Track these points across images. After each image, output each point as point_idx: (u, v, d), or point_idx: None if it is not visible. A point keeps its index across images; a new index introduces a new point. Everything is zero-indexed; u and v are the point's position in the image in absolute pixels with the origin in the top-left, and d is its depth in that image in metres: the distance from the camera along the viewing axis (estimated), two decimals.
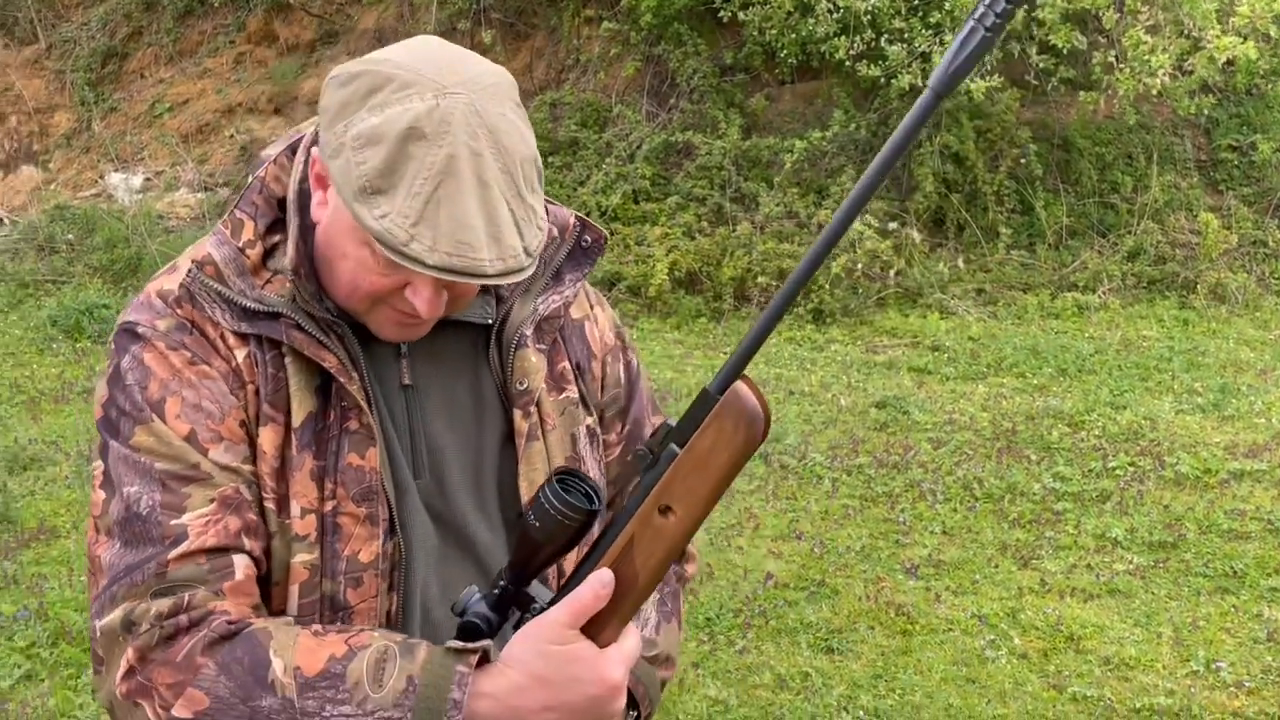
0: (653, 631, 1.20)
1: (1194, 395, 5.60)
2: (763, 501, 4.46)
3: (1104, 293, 7.38)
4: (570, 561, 1.08)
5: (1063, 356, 6.26)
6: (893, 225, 7.60)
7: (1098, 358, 6.27)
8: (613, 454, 1.26)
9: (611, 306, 1.30)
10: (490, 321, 1.14)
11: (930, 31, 7.25)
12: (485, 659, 0.97)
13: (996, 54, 7.28)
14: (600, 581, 0.95)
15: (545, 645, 0.96)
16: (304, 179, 1.09)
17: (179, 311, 1.06)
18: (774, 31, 7.76)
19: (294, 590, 1.04)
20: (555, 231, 1.16)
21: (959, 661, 3.28)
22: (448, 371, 1.13)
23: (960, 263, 7.76)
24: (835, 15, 7.37)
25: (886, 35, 7.41)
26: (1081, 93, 7.56)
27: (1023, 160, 7.92)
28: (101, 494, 1.04)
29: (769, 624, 3.49)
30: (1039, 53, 7.37)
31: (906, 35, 7.37)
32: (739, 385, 0.93)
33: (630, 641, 1.00)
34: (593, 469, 1.19)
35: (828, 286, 7.05)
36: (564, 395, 1.17)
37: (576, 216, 1.18)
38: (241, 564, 1.01)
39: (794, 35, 7.70)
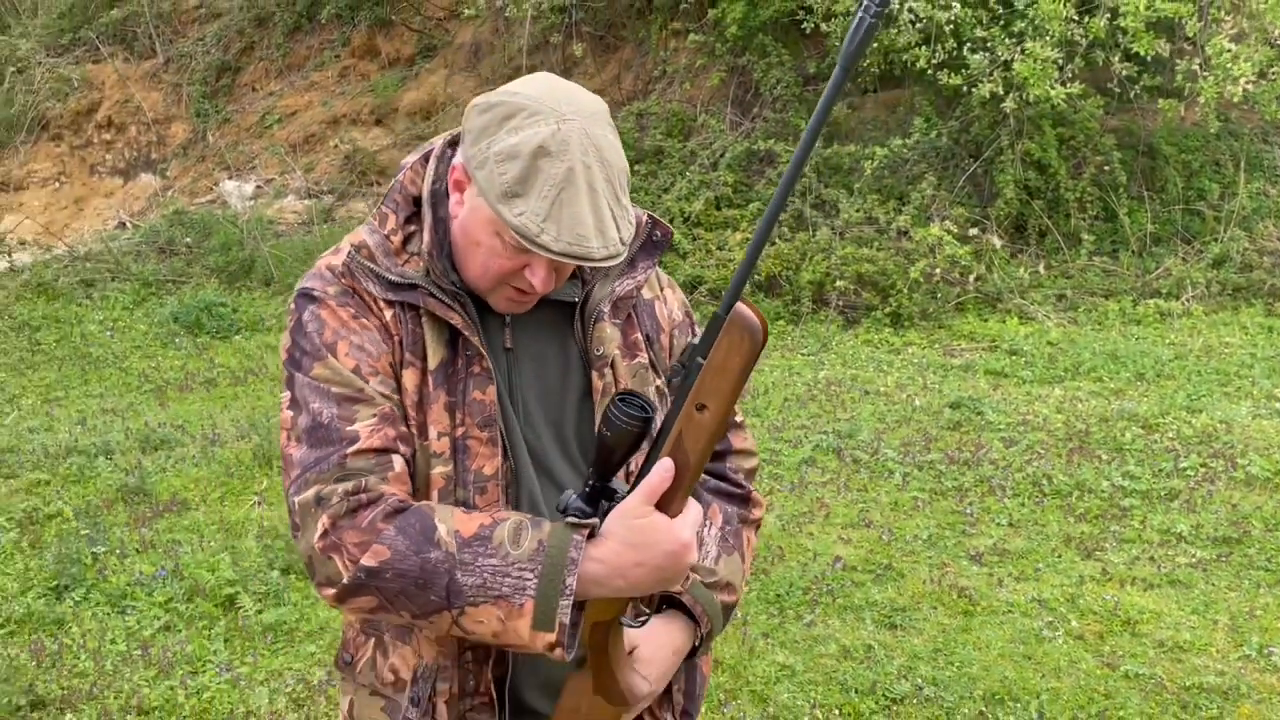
0: (712, 561, 1.45)
1: (1273, 401, 5.62)
2: (834, 492, 4.67)
3: (1187, 299, 7.37)
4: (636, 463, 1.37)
5: (1142, 361, 6.31)
6: (973, 231, 7.71)
7: (1177, 363, 6.30)
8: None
9: (694, 308, 1.58)
10: (576, 299, 1.44)
11: (1013, 40, 7.34)
12: (593, 533, 1.26)
13: (1079, 62, 7.35)
14: (664, 467, 1.24)
15: (631, 520, 1.24)
16: (435, 181, 1.40)
17: (343, 281, 1.38)
18: None
19: (434, 495, 1.34)
20: (631, 225, 1.45)
21: (1016, 640, 3.45)
22: (540, 340, 1.43)
23: (1041, 268, 7.82)
24: (917, 25, 7.51)
25: (969, 44, 7.52)
26: (1161, 100, 7.56)
27: (1106, 167, 7.95)
28: (289, 413, 1.35)
29: (836, 601, 3.71)
30: (1122, 60, 7.41)
31: (989, 44, 7.47)
32: (739, 305, 1.20)
33: (693, 511, 1.27)
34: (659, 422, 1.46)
35: (906, 291, 7.19)
36: (636, 361, 1.45)
37: (648, 215, 1.47)
38: (399, 461, 1.31)
39: (876, 45, 7.86)
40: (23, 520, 4.36)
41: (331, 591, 1.28)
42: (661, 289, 1.53)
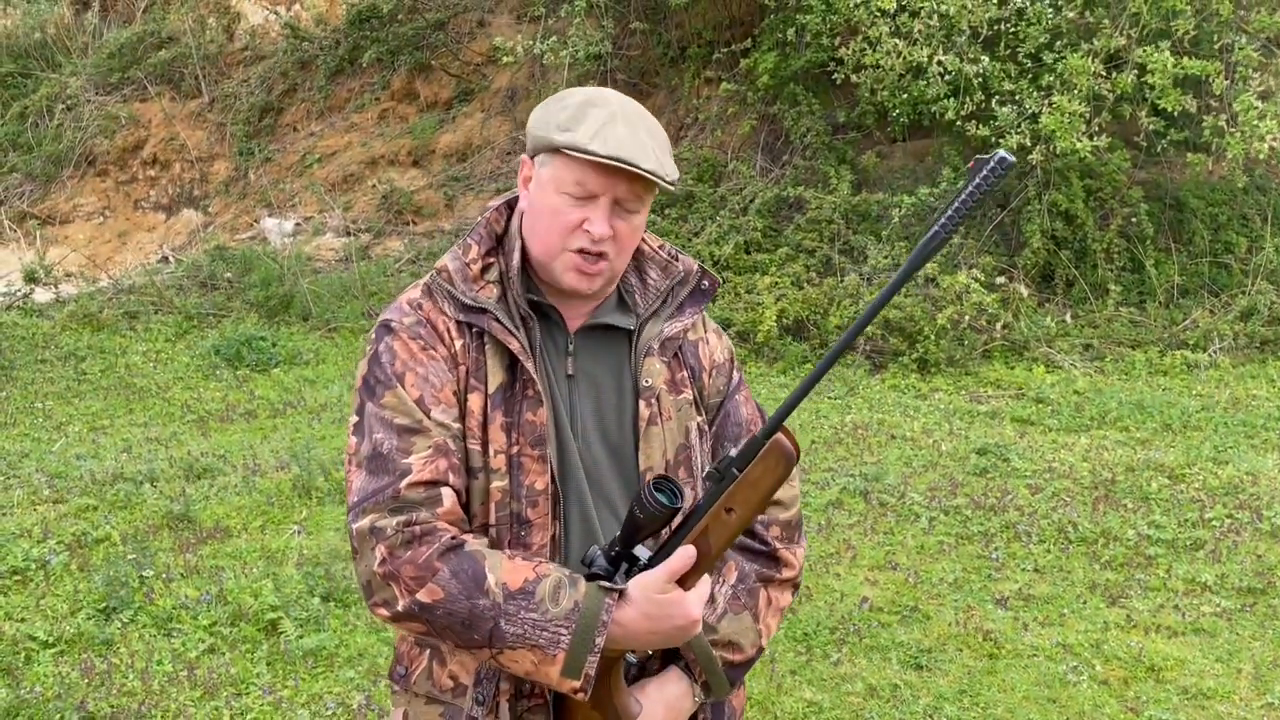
0: (716, 618, 1.56)
1: None
2: (861, 535, 4.74)
3: (1214, 351, 7.41)
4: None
5: (1168, 412, 6.35)
6: (1000, 280, 7.81)
7: (1204, 414, 6.35)
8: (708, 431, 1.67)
9: None
10: (631, 328, 1.57)
11: (1040, 94, 7.48)
12: (622, 596, 1.40)
13: (1106, 116, 7.47)
14: (688, 554, 1.40)
15: (652, 593, 1.40)
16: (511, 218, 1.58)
17: (419, 312, 1.53)
18: (885, 92, 8.09)
19: (493, 507, 1.48)
20: (683, 271, 1.61)
21: (1041, 683, 3.50)
22: (599, 368, 1.56)
23: (1068, 318, 7.89)
24: (946, 78, 7.66)
25: (997, 97, 7.66)
26: (1189, 154, 7.66)
27: (1133, 219, 8.04)
28: (354, 438, 1.49)
29: (862, 641, 3.78)
30: (1149, 115, 7.52)
31: (1016, 97, 7.61)
32: (779, 436, 1.39)
33: (704, 587, 1.44)
34: (698, 457, 1.59)
35: (933, 337, 7.28)
36: (681, 396, 1.58)
37: (699, 265, 1.62)
38: (448, 495, 1.44)
39: (905, 96, 8.02)
40: (72, 544, 4.50)
41: (386, 614, 1.42)
42: (706, 333, 1.66)
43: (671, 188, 1.48)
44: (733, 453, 1.40)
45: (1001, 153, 1.26)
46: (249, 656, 3.65)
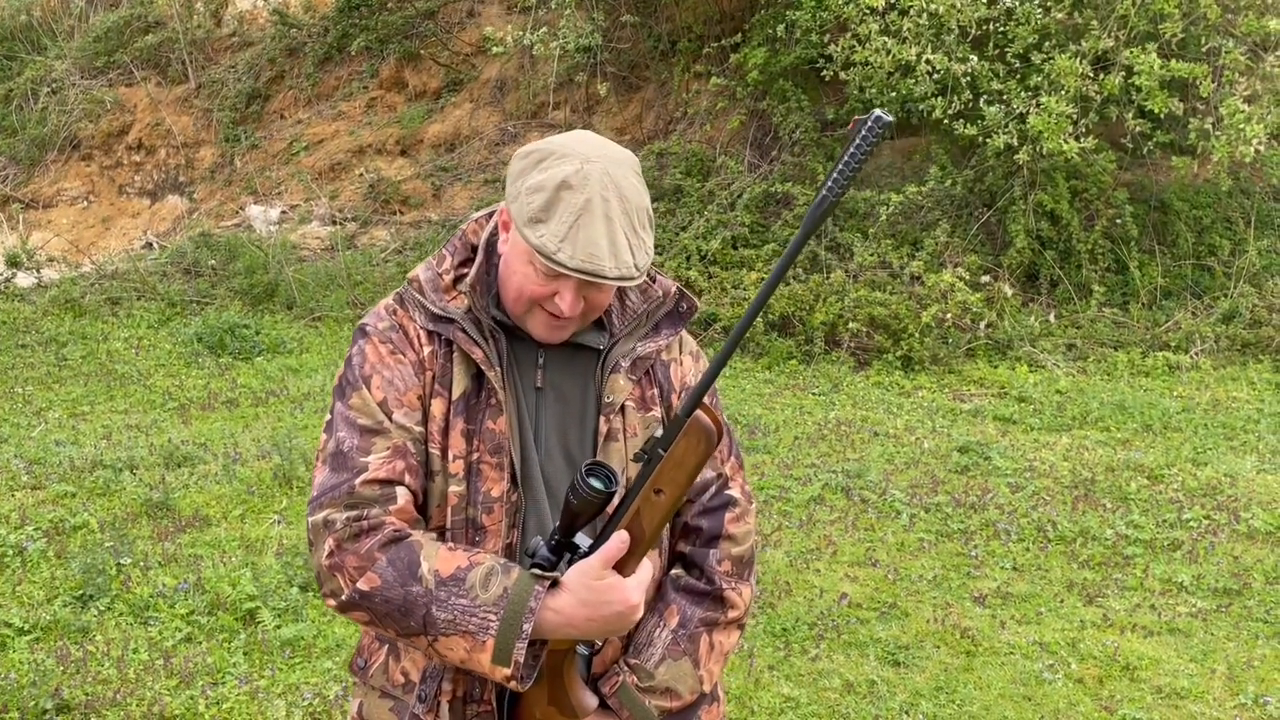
0: (654, 664, 1.56)
1: (1278, 456, 5.69)
2: (842, 531, 4.75)
3: (1196, 353, 7.46)
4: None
5: (1149, 413, 6.39)
6: (985, 279, 7.83)
7: (1184, 416, 6.38)
8: None
9: (707, 345, 1.72)
10: (601, 348, 1.58)
11: (1028, 94, 7.50)
12: (555, 584, 1.41)
13: (1093, 117, 7.50)
14: (621, 539, 1.41)
15: (589, 580, 1.40)
16: (493, 232, 1.58)
17: (393, 318, 1.55)
18: (874, 90, 8.10)
19: (449, 511, 1.50)
20: (661, 294, 1.61)
21: (1017, 681, 3.52)
22: (567, 382, 1.58)
23: (1052, 318, 7.92)
24: (934, 76, 7.67)
25: (985, 96, 7.68)
26: (1175, 157, 7.70)
27: (1118, 221, 8.07)
28: (324, 435, 1.53)
29: (840, 637, 3.79)
30: (1136, 117, 7.55)
31: (1004, 97, 7.63)
32: (699, 413, 1.40)
33: (644, 572, 1.44)
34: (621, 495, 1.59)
35: (917, 335, 7.30)
36: (649, 414, 1.60)
37: (678, 287, 1.63)
38: (402, 494, 1.47)
39: (894, 94, 8.03)
40: (49, 530, 4.48)
41: (334, 603, 1.46)
42: (681, 354, 1.66)
43: (636, 281, 1.45)
44: (658, 434, 1.43)
45: (878, 111, 1.27)
46: (226, 646, 3.64)
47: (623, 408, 1.56)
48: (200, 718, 3.25)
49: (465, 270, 1.56)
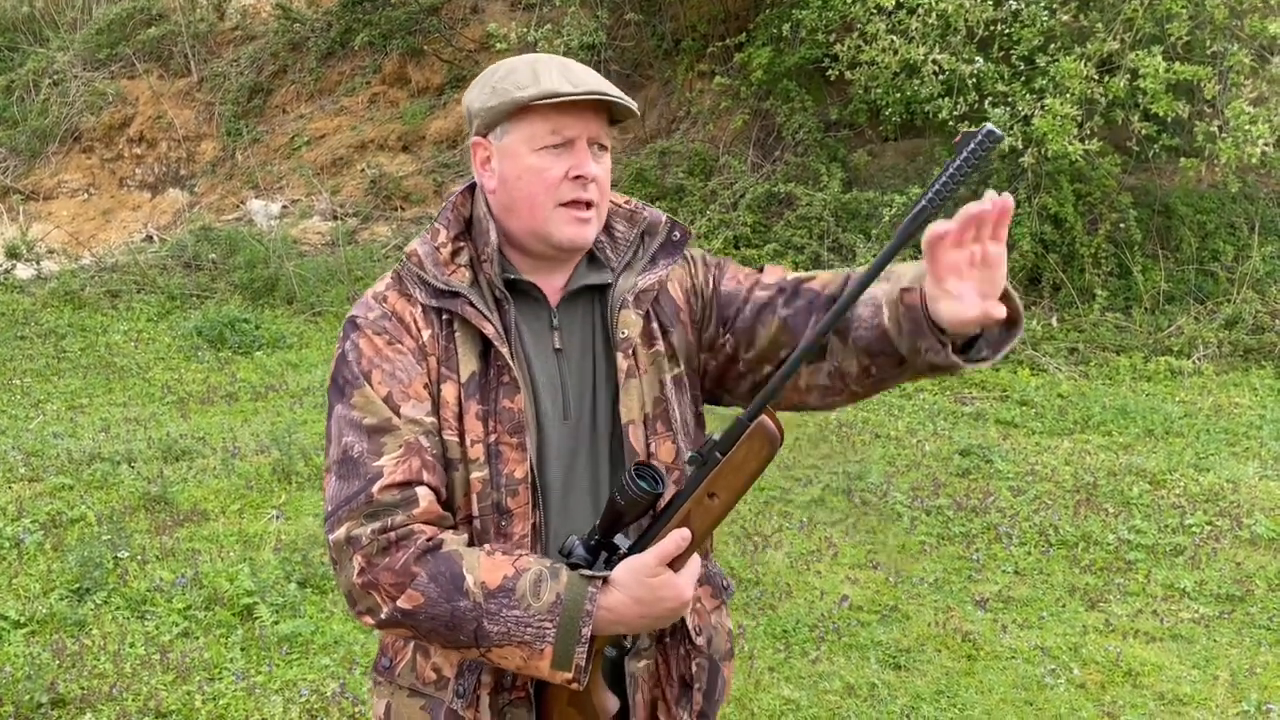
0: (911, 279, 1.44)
1: None
2: (843, 533, 4.73)
3: (1198, 358, 7.43)
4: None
5: (1151, 418, 6.36)
6: None
7: (1186, 421, 6.36)
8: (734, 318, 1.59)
9: None
10: (609, 282, 1.53)
11: (1033, 96, 7.47)
12: (605, 583, 1.36)
13: (1098, 120, 7.47)
14: (680, 536, 1.36)
15: (644, 577, 1.36)
16: (486, 201, 1.52)
17: (384, 305, 1.48)
18: (879, 90, 8.07)
19: (474, 498, 1.44)
20: (648, 220, 1.57)
21: (1019, 685, 3.50)
22: (581, 335, 1.53)
23: (1054, 321, 7.90)
24: (940, 77, 7.65)
25: (990, 98, 7.65)
26: (1182, 159, 7.67)
27: (1122, 224, 8.05)
28: (328, 442, 1.45)
29: (841, 640, 3.76)
30: (1141, 120, 7.53)
31: (1009, 99, 7.60)
32: (763, 417, 1.34)
33: (694, 565, 1.40)
34: (675, 410, 1.54)
35: None
36: (654, 349, 1.53)
37: (667, 216, 1.59)
38: (424, 494, 1.39)
39: (899, 95, 8.00)
40: (46, 523, 4.45)
41: (372, 621, 1.38)
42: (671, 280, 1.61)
43: (635, 113, 1.50)
44: (715, 436, 1.37)
45: (989, 126, 1.21)
46: (223, 641, 3.61)
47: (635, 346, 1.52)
48: (196, 713, 3.23)
49: (461, 244, 1.50)
